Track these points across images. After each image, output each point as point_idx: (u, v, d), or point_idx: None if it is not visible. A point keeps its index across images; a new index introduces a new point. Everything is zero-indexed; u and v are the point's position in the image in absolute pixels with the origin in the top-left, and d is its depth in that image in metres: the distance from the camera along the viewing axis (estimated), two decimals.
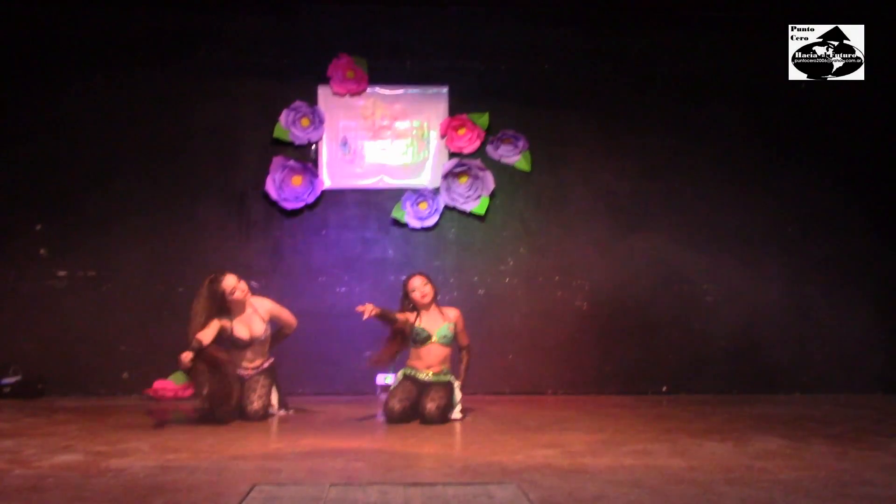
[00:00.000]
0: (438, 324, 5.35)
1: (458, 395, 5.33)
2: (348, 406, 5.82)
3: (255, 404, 5.21)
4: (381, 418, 5.33)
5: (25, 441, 4.46)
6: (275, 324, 5.56)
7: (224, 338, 5.29)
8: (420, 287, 5.36)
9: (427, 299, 5.37)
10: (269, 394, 5.34)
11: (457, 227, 6.68)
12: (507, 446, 4.38)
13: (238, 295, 5.31)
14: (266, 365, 5.44)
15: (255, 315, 5.41)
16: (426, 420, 5.11)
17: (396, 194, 6.65)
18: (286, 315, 5.60)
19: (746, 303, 6.72)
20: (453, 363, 5.44)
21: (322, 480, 3.55)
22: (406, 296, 5.41)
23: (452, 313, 5.44)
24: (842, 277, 6.76)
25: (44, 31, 6.53)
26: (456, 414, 5.27)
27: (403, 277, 5.56)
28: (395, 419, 5.13)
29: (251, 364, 5.40)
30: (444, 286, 6.58)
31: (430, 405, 5.14)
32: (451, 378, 5.37)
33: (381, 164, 6.68)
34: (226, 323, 5.28)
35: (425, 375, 5.34)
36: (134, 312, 6.40)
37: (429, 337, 5.33)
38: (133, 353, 6.37)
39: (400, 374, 5.43)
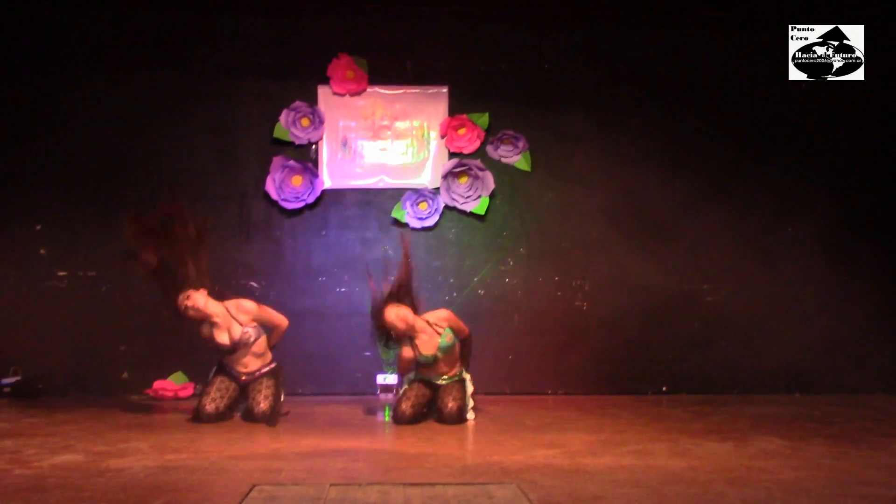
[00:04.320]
0: (436, 340, 5.25)
1: (469, 388, 5.31)
2: (348, 406, 5.82)
3: (262, 405, 5.18)
4: (380, 418, 5.33)
5: (25, 441, 4.46)
6: (263, 326, 5.43)
7: (209, 344, 5.32)
8: (395, 319, 5.14)
9: (410, 323, 5.19)
10: (275, 395, 5.27)
11: (457, 227, 6.68)
12: (507, 446, 4.38)
13: (191, 314, 5.20)
14: (266, 369, 5.38)
15: (233, 320, 5.30)
16: (446, 420, 5.09)
17: (396, 194, 6.65)
18: (271, 315, 5.45)
19: (746, 303, 6.72)
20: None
21: (322, 480, 3.55)
22: (388, 335, 5.22)
23: (443, 318, 5.30)
24: (841, 277, 6.75)
25: (44, 31, 6.52)
26: (469, 413, 5.23)
27: (371, 311, 5.27)
28: (406, 422, 5.10)
29: (246, 369, 5.34)
30: (444, 286, 6.60)
31: (452, 404, 5.12)
32: (464, 375, 5.36)
33: (381, 164, 6.68)
34: (205, 329, 5.28)
35: (439, 380, 5.33)
36: (134, 312, 6.39)
37: (436, 357, 5.25)
38: (133, 353, 6.37)
39: (411, 375, 5.39)
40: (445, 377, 5.33)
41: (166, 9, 6.58)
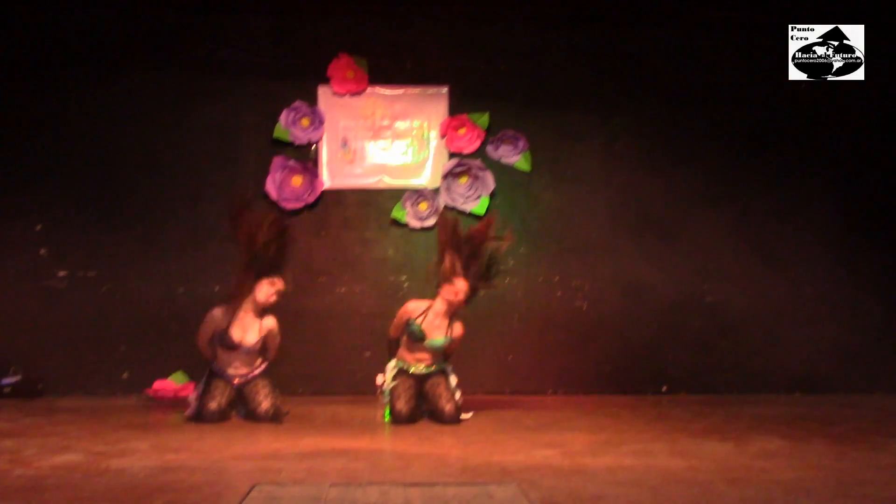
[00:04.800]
0: (439, 333, 5.29)
1: (453, 380, 5.33)
2: (348, 406, 5.82)
3: (265, 404, 5.19)
4: (380, 418, 5.33)
5: (25, 441, 4.45)
6: (265, 343, 5.43)
7: (215, 334, 5.30)
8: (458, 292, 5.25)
9: (452, 304, 5.27)
10: (273, 392, 5.28)
11: None
12: (507, 446, 4.38)
13: (274, 299, 5.33)
14: (257, 371, 5.37)
15: (257, 325, 5.33)
16: (445, 421, 5.11)
17: (396, 194, 6.65)
18: (274, 344, 5.47)
19: (746, 303, 6.72)
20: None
21: (322, 480, 3.55)
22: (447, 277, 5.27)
23: (457, 330, 5.35)
24: (842, 277, 6.76)
25: (44, 31, 6.52)
26: (465, 415, 5.26)
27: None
28: (404, 421, 5.12)
29: (237, 371, 5.32)
30: None
31: (449, 406, 5.15)
32: (443, 366, 5.38)
33: (381, 164, 6.68)
34: (222, 322, 5.28)
35: (416, 369, 5.33)
36: (134, 312, 6.40)
37: (423, 339, 5.28)
38: (133, 353, 6.37)
39: (392, 368, 5.39)
40: (423, 366, 5.33)
41: (166, 8, 6.58)
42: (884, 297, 6.76)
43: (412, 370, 5.34)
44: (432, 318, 5.31)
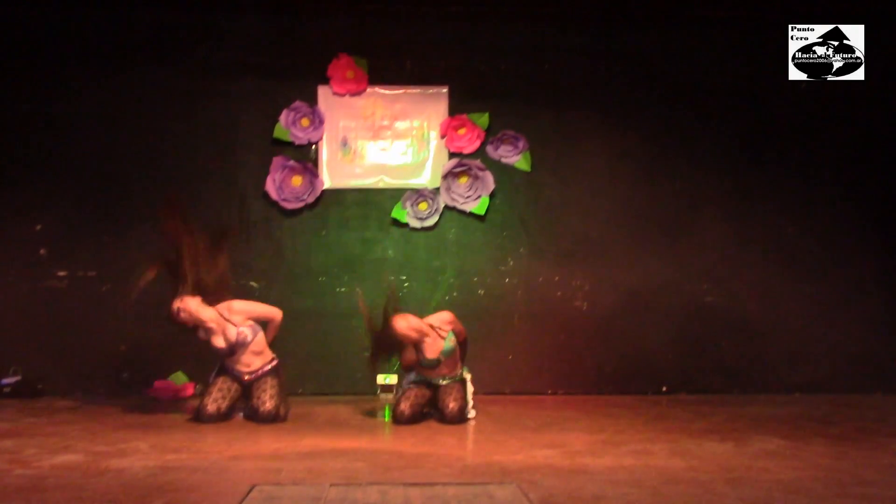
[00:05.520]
0: (440, 344, 5.27)
1: (470, 388, 5.33)
2: (348, 406, 5.82)
3: (268, 404, 5.18)
4: (380, 418, 5.33)
5: (25, 441, 4.46)
6: (259, 322, 5.41)
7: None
8: (408, 329, 5.16)
9: (421, 330, 5.21)
10: (280, 394, 5.27)
11: (457, 227, 6.67)
12: (507, 446, 4.39)
13: (183, 316, 5.22)
14: (268, 367, 5.37)
15: (226, 322, 5.30)
16: (448, 420, 5.12)
17: (396, 194, 6.65)
18: (263, 310, 5.46)
19: (746, 302, 6.72)
20: None
21: (322, 480, 3.55)
22: (397, 350, 5.28)
23: (446, 321, 5.31)
24: (841, 277, 6.75)
25: (44, 31, 6.52)
26: (471, 412, 5.26)
27: (373, 333, 5.29)
28: (405, 421, 5.12)
29: (248, 368, 5.33)
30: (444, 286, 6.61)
31: (453, 405, 5.15)
32: (464, 374, 5.38)
33: (381, 164, 6.68)
34: (201, 334, 5.30)
35: (440, 381, 5.35)
36: (134, 312, 6.39)
37: (439, 361, 5.27)
38: (133, 353, 6.36)
39: (411, 376, 5.41)
40: (447, 378, 5.34)
41: (166, 8, 6.57)
42: (884, 297, 6.75)
43: (434, 382, 5.34)
44: (425, 344, 5.28)
